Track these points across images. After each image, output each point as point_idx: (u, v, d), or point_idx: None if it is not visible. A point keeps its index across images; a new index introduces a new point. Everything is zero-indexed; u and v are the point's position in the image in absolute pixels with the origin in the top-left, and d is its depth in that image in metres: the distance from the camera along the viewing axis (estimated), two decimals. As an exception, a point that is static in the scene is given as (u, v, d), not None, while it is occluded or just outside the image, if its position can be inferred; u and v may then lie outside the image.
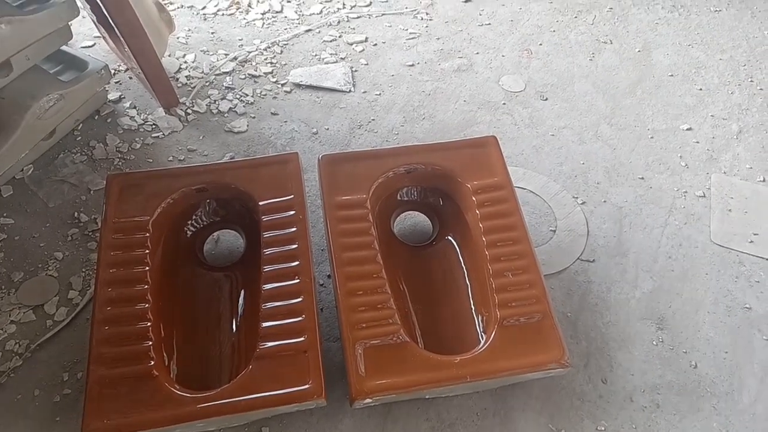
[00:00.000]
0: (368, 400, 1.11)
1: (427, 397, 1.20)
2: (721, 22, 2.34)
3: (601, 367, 1.32)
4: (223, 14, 2.30)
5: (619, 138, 1.86)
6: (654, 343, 1.36)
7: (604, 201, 1.67)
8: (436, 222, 1.54)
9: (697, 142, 1.87)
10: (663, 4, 2.40)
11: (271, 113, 1.90)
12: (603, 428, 1.22)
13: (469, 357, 1.16)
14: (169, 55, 2.07)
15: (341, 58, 2.13)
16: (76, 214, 1.56)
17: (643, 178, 1.74)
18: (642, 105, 1.98)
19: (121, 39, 1.65)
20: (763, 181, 1.75)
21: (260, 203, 1.32)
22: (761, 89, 2.06)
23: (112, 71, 1.98)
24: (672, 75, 2.11)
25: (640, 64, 2.14)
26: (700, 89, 2.06)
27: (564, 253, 1.54)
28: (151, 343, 1.14)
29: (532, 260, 1.28)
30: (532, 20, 2.34)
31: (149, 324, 1.16)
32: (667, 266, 1.52)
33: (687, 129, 1.91)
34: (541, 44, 2.22)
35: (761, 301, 1.45)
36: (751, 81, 2.09)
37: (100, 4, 1.57)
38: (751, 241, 1.58)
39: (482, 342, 1.20)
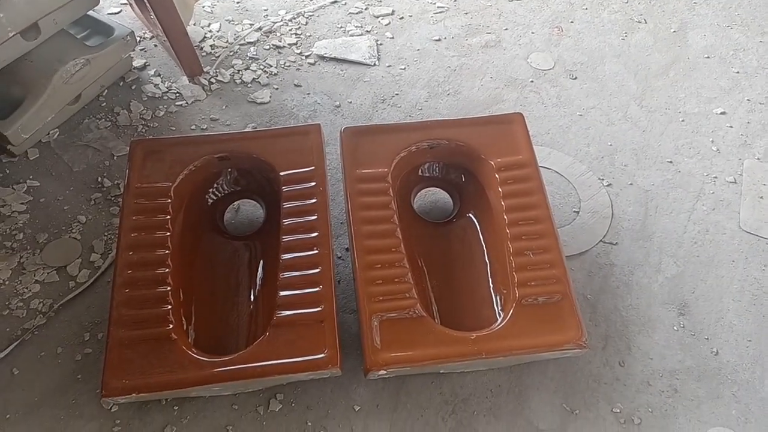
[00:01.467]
0: (382, 372, 1.11)
1: (441, 371, 1.20)
2: (763, 2, 2.24)
3: (619, 350, 1.30)
4: (249, -16, 2.28)
5: (648, 120, 1.81)
6: (675, 328, 1.34)
7: (631, 184, 1.63)
8: (457, 199, 1.53)
9: (731, 127, 1.81)
10: (702, -18, 2.31)
11: (294, 85, 1.88)
12: (618, 410, 1.21)
13: (485, 334, 1.16)
14: (194, 24, 2.07)
15: (367, 31, 2.10)
16: (99, 178, 1.57)
17: (671, 162, 1.70)
18: (674, 87, 1.92)
19: (148, 5, 1.65)
20: (799, 167, 1.69)
21: (281, 174, 1.32)
22: (802, 73, 1.97)
23: (138, 38, 1.98)
24: (708, 57, 2.03)
25: (675, 44, 2.07)
26: (737, 72, 1.98)
27: (587, 234, 1.51)
28: (170, 307, 1.15)
29: (554, 240, 1.26)
30: (564, -3, 2.27)
31: (169, 288, 1.17)
32: (692, 252, 1.48)
33: (721, 113, 1.85)
34: (572, 22, 2.16)
35: (789, 291, 1.41)
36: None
37: (127, -31, 1.56)
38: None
39: (499, 319, 1.19)
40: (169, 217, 1.26)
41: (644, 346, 1.31)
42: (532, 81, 1.93)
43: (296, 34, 2.07)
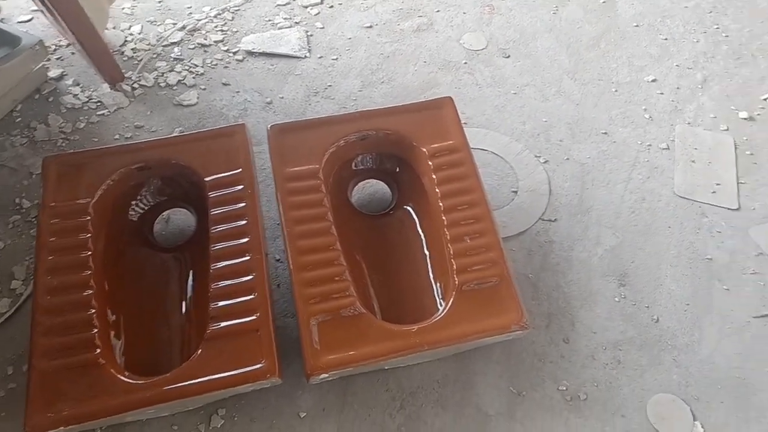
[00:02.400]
0: (324, 375, 1.08)
1: (386, 367, 1.18)
2: (686, -32, 2.27)
3: (562, 327, 1.31)
4: (170, -19, 2.19)
5: (582, 93, 1.82)
6: (616, 299, 1.35)
7: (567, 158, 1.64)
8: (394, 189, 1.50)
9: (662, 94, 1.83)
10: (627, -49, 2.32)
11: (223, 84, 1.82)
12: (564, 388, 1.22)
13: (426, 325, 1.14)
14: (113, 28, 1.97)
15: (296, 23, 2.04)
16: (17, 200, 1.49)
17: (606, 133, 1.71)
18: (606, 58, 1.93)
19: (55, 13, 1.56)
20: (727, 130, 1.72)
21: (206, 179, 1.27)
22: (726, 36, 2.01)
23: (53, 47, 1.88)
24: (637, 25, 2.05)
25: (605, 15, 2.08)
26: (665, 39, 2.01)
27: (526, 213, 1.51)
28: (96, 330, 1.10)
29: (489, 223, 1.26)
30: (494, -26, 2.25)
31: (94, 311, 1.11)
32: (629, 221, 1.50)
33: (652, 80, 1.87)
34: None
35: (722, 251, 1.44)
36: (717, 28, 2.04)
37: (25, -25, 1.47)
38: (714, 192, 1.56)
39: (440, 309, 1.18)
40: (89, 235, 1.20)
41: (587, 320, 1.32)
42: (465, 62, 1.92)
43: (222, 30, 2.00)
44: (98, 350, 1.07)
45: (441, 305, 1.21)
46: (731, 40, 1.99)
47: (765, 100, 1.80)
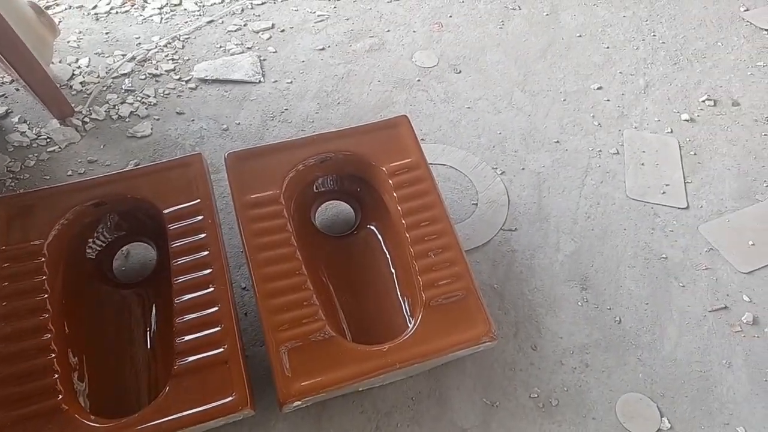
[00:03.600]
0: (298, 403, 1.07)
1: (360, 389, 1.18)
2: (622, -20, 2.38)
3: (530, 335, 1.33)
4: (116, 12, 2.16)
5: (533, 104, 1.87)
6: (579, 303, 1.39)
7: (523, 168, 1.68)
8: (358, 209, 1.51)
9: (608, 101, 1.90)
10: (566, -35, 2.42)
11: (177, 113, 1.80)
12: (536, 395, 1.24)
13: (396, 344, 1.15)
14: (60, 62, 1.93)
15: (248, 48, 2.04)
16: (-35, 245, 1.43)
17: (558, 142, 1.76)
18: (553, 68, 2.00)
19: (-5, 49, 1.51)
20: (671, 132, 1.80)
21: (164, 211, 1.25)
22: (663, 42, 2.11)
23: (-5, 84, 1.83)
24: (580, 36, 2.13)
25: (549, 27, 2.16)
26: (608, 47, 2.09)
27: (487, 225, 1.54)
28: (57, 376, 1.06)
29: (452, 238, 1.27)
30: (441, -8, 2.31)
31: (54, 355, 1.08)
32: (586, 226, 1.55)
33: (597, 88, 1.94)
34: (450, 16, 2.20)
35: (675, 249, 1.50)
36: (654, 35, 2.14)
37: (-37, 13, 1.42)
38: (664, 192, 1.63)
39: (410, 326, 1.19)
40: (45, 277, 1.16)
41: (553, 326, 1.35)
42: (418, 80, 1.95)
43: (173, 59, 1.98)
44: (60, 396, 1.04)
45: (410, 322, 1.22)
46: (668, 47, 2.10)
47: (703, 101, 1.89)
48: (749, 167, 1.70)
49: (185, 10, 2.19)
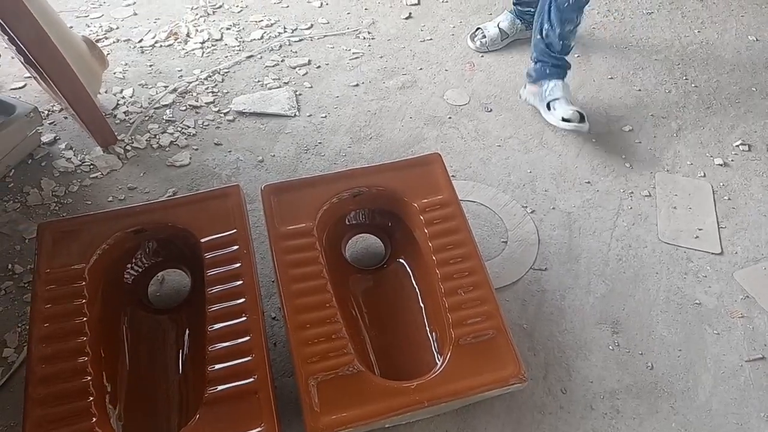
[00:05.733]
0: (325, 437, 1.07)
1: (387, 426, 1.17)
2: (653, 24, 2.40)
3: (560, 377, 1.31)
4: (161, 46, 2.26)
5: (563, 144, 1.88)
6: (610, 347, 1.37)
7: (553, 208, 1.68)
8: (387, 243, 1.53)
9: (639, 143, 1.90)
10: (598, 9, 2.46)
11: (215, 144, 1.86)
12: (565, 440, 1.21)
13: (425, 381, 1.14)
14: (106, 92, 2.02)
15: (284, 83, 2.11)
16: (9, 265, 1.48)
17: (589, 182, 1.76)
18: (584, 109, 2.01)
19: (49, 80, 1.60)
20: (704, 176, 1.79)
21: (201, 240, 1.28)
22: (696, 86, 2.12)
23: (46, 112, 1.91)
24: (611, 78, 2.15)
25: (581, 68, 2.18)
26: (639, 90, 2.11)
27: (517, 263, 1.54)
28: (92, 398, 1.08)
29: (482, 275, 1.28)
30: (473, 33, 2.36)
31: (89, 378, 1.10)
32: (618, 268, 1.53)
33: (629, 130, 1.95)
34: (482, 56, 2.24)
35: (709, 296, 1.47)
36: (686, 79, 2.15)
37: (22, 47, 1.51)
38: (697, 237, 1.61)
39: (438, 364, 1.18)
40: (84, 301, 1.19)
41: (583, 369, 1.33)
42: (450, 117, 1.98)
43: (213, 92, 2.05)
44: (94, 419, 1.05)
45: (438, 359, 1.22)
46: (700, 91, 2.10)
47: (737, 146, 1.88)
48: (785, 214, 1.67)
49: (226, 45, 2.27)
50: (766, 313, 1.43)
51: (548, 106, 1.89)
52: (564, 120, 1.81)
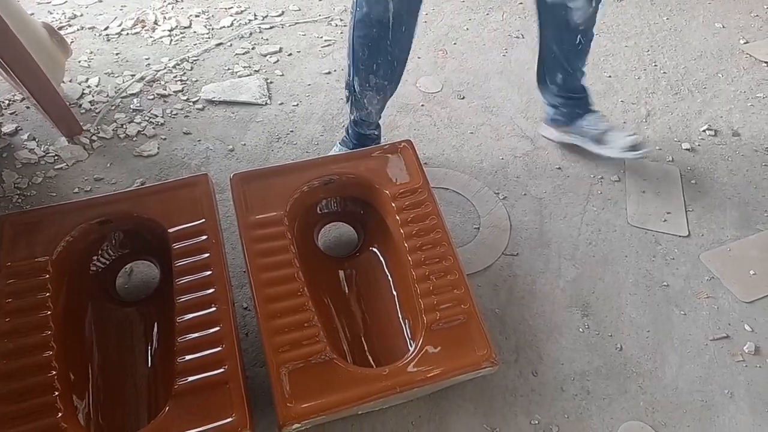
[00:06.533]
0: (297, 425, 1.07)
1: (360, 413, 1.17)
2: (623, 11, 2.43)
3: (531, 360, 1.33)
4: (127, 34, 2.21)
5: (534, 130, 1.89)
6: (580, 330, 1.39)
7: (524, 194, 1.69)
8: (360, 231, 1.52)
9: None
10: (569, -4, 2.47)
11: (184, 133, 1.82)
12: (536, 422, 1.23)
13: (397, 367, 1.14)
14: (70, 81, 1.96)
15: (255, 71, 2.08)
16: (-30, 260, 1.44)
17: (560, 168, 1.78)
18: (555, 96, 2.02)
19: (9, 69, 1.54)
20: (672, 161, 1.82)
21: (169, 230, 1.26)
22: (664, 72, 2.15)
23: (6, 102, 1.86)
24: (582, 64, 2.16)
25: (552, 56, 2.19)
26: (609, 76, 2.13)
27: (489, 249, 1.55)
28: (57, 393, 1.05)
29: (454, 261, 1.28)
30: (446, 20, 2.36)
31: (54, 373, 1.07)
32: (588, 252, 1.55)
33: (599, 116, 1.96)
34: (455, 43, 2.24)
35: (677, 278, 1.50)
36: (655, 65, 2.18)
37: (-21, 33, 1.46)
38: (665, 220, 1.63)
39: (411, 350, 1.19)
40: (48, 294, 1.16)
41: (554, 352, 1.34)
42: (422, 105, 1.98)
43: (181, 80, 2.01)
44: (60, 414, 1.03)
45: (411, 345, 1.22)
46: (669, 77, 2.13)
47: (704, 131, 1.91)
48: (750, 197, 1.71)
49: (195, 32, 2.23)
50: (730, 293, 1.46)
51: (597, 140, 1.73)
52: (632, 149, 1.66)
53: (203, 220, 1.28)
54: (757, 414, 1.25)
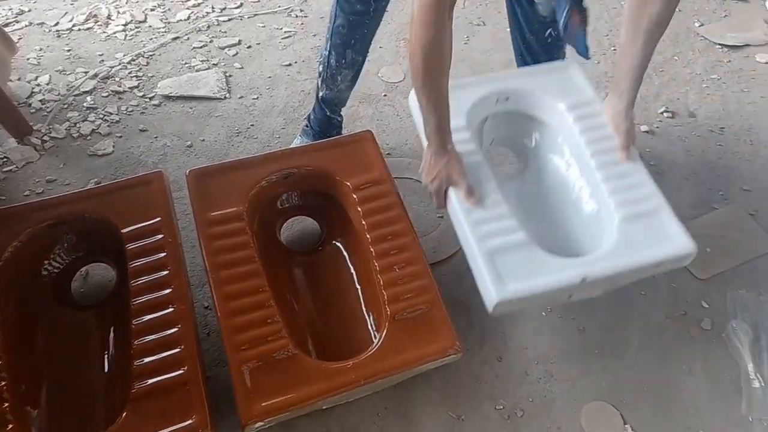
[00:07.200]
0: (260, 424, 1.06)
1: (324, 407, 1.16)
2: (583, -4, 2.44)
3: (495, 347, 1.33)
4: (79, 29, 2.14)
5: (497, 117, 1.89)
6: (543, 314, 1.40)
7: (488, 181, 1.69)
8: (323, 224, 1.51)
9: (570, 113, 1.93)
10: (528, -18, 2.48)
11: (140, 130, 1.78)
12: (502, 407, 1.24)
13: (361, 360, 1.14)
14: (18, 79, 1.89)
15: (213, 64, 2.04)
16: None
17: (522, 154, 1.78)
18: (517, 82, 2.03)
19: (-52, 67, 1.48)
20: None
21: (123, 231, 1.23)
22: (623, 56, 2.16)
23: (-49, 103, 1.78)
24: (543, 50, 2.17)
25: (510, 43, 2.19)
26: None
27: (453, 238, 1.52)
28: (7, 404, 1.03)
29: (417, 251, 1.28)
30: (407, 9, 2.31)
31: (3, 383, 1.04)
32: (551, 237, 1.56)
33: (560, 101, 1.97)
34: (416, 32, 2.22)
35: (637, 259, 1.52)
36: (614, 49, 2.19)
37: None
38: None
39: (375, 341, 1.18)
40: (-5, 301, 1.13)
41: (518, 336, 1.36)
42: (385, 95, 1.96)
43: (137, 76, 1.96)
44: (10, 426, 1.00)
45: (375, 337, 1.21)
46: (628, 61, 2.15)
47: (662, 113, 1.94)
48: (706, 177, 1.74)
49: (150, 27, 2.17)
50: (687, 271, 1.49)
51: None
52: None
53: (158, 218, 1.25)
54: (714, 388, 1.29)
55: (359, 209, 1.33)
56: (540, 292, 1.09)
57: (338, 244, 1.44)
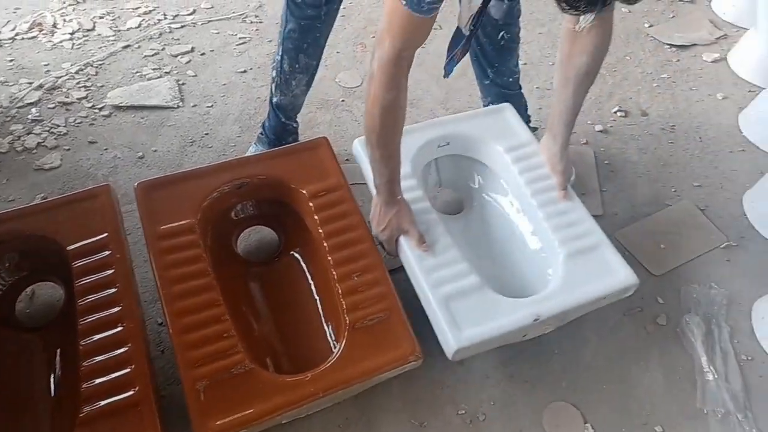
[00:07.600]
0: (216, 442, 1.03)
1: (284, 422, 1.14)
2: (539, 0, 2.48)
3: (457, 351, 1.33)
4: (23, 38, 2.06)
5: (455, 120, 1.90)
6: (504, 316, 1.40)
7: (446, 185, 1.70)
8: (281, 234, 1.48)
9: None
10: (484, -15, 2.50)
11: (89, 142, 1.72)
12: (464, 411, 1.24)
13: (320, 371, 1.12)
14: (-43, 92, 1.81)
15: (165, 72, 1.99)
16: None
17: (480, 157, 1.79)
18: (473, 86, 2.02)
19: None
20: (586, 143, 1.87)
21: (68, 248, 1.18)
22: (577, 58, 2.20)
23: None
24: (499, 53, 2.19)
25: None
26: (525, 63, 2.16)
27: (412, 243, 1.54)
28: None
29: (375, 258, 1.27)
30: (363, 14, 2.33)
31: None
32: (510, 239, 1.57)
33: (517, 103, 1.99)
34: (373, 36, 2.21)
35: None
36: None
37: None
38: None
39: (334, 351, 1.16)
40: (-69, 327, 1.07)
41: (479, 340, 1.35)
42: (343, 100, 1.95)
43: (85, 86, 1.90)
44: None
45: (335, 347, 1.20)
46: (582, 62, 2.18)
47: (615, 113, 1.98)
48: (659, 174, 1.78)
49: (99, 35, 2.11)
50: (643, 267, 1.52)
51: None
52: None
53: (105, 234, 1.21)
54: (670, 382, 1.31)
55: (316, 217, 1.31)
56: (497, 335, 1.13)
57: (296, 253, 1.42)
